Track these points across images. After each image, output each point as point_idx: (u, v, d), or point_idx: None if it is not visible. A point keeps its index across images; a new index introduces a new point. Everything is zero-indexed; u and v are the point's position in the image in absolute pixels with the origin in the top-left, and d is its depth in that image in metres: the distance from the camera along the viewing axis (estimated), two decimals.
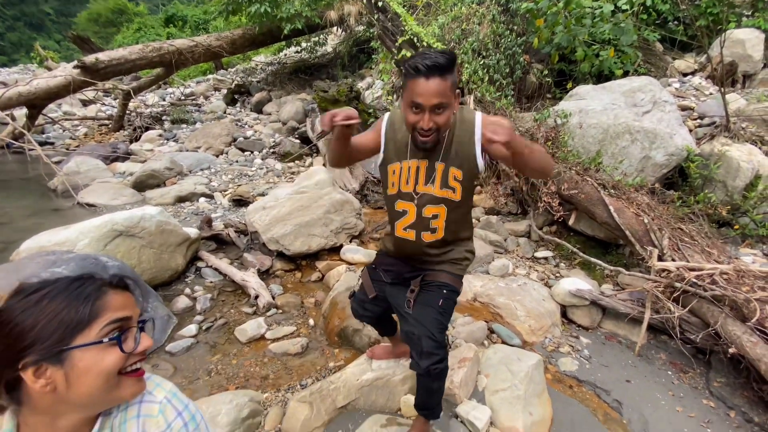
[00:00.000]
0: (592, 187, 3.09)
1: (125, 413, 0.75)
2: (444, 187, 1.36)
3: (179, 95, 9.41)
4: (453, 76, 1.16)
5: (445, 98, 1.16)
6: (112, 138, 7.03)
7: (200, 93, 9.42)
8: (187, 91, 9.59)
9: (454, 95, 1.20)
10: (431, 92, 1.13)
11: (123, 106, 7.32)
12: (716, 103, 4.14)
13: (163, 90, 9.99)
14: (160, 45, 7.41)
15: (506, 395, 1.92)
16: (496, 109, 3.98)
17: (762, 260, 3.10)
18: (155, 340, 2.40)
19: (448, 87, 1.15)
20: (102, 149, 5.95)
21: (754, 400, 2.19)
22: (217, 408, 1.72)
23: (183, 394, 0.81)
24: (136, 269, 2.71)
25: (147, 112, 7.88)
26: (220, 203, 4.42)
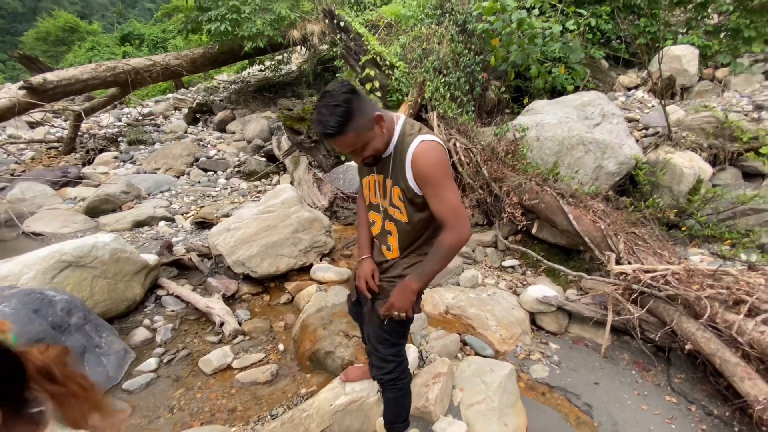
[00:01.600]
0: (551, 196, 3.22)
1: None
2: (391, 206, 1.36)
3: (137, 115, 9.05)
4: (356, 124, 1.15)
5: (356, 145, 1.20)
6: (62, 161, 6.61)
7: (159, 112, 9.10)
8: (145, 110, 9.24)
9: (367, 131, 1.20)
10: (341, 147, 1.21)
11: (74, 128, 6.93)
12: (658, 115, 4.47)
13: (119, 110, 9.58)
14: (114, 64, 7.13)
15: (481, 408, 1.92)
16: (458, 125, 4.10)
17: (709, 259, 3.32)
18: (110, 377, 2.23)
19: (351, 139, 1.18)
20: (50, 174, 5.57)
21: (713, 393, 2.31)
22: None
23: None
24: (88, 302, 2.53)
25: (101, 134, 7.50)
26: (181, 226, 4.23)
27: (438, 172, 1.23)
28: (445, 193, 1.24)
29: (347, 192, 4.45)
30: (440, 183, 1.23)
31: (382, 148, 1.26)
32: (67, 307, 2.28)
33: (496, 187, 3.47)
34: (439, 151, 1.24)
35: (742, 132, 4.12)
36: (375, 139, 1.22)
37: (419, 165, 1.22)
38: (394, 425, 1.63)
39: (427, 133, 1.27)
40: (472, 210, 3.98)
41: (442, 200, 1.24)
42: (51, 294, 2.29)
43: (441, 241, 1.28)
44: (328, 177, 4.69)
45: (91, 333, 2.32)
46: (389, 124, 1.26)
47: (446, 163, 1.26)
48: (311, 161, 4.98)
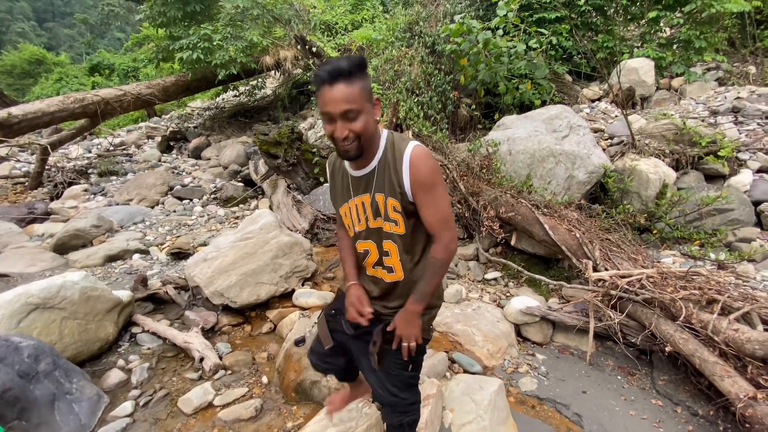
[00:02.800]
0: (526, 208, 3.30)
1: None
2: (387, 221, 1.27)
3: (107, 146, 8.83)
4: (363, 80, 1.10)
5: (355, 104, 1.09)
6: (28, 197, 6.35)
7: (132, 142, 8.91)
8: (116, 140, 9.03)
9: (367, 100, 1.13)
10: (337, 99, 1.07)
11: (41, 162, 6.69)
12: (621, 124, 4.69)
13: (89, 141, 9.33)
14: (83, 95, 7.00)
15: (472, 428, 1.90)
16: (433, 143, 4.18)
17: (681, 260, 3.45)
18: (83, 425, 2.09)
19: (356, 92, 1.08)
20: (16, 210, 5.33)
21: (696, 393, 2.36)
22: None
23: None
24: (58, 345, 2.40)
25: (70, 166, 7.27)
26: (156, 258, 4.10)
27: (436, 177, 1.21)
28: (440, 201, 1.21)
29: (327, 213, 4.43)
30: (437, 189, 1.21)
31: (369, 131, 1.16)
32: (35, 354, 2.15)
33: (473, 201, 3.53)
34: (432, 157, 1.22)
35: (701, 137, 4.35)
36: (370, 115, 1.15)
37: (418, 170, 1.17)
38: None
39: (410, 141, 1.24)
40: None
41: (437, 208, 1.21)
42: (17, 340, 2.16)
43: (434, 256, 1.25)
44: (307, 199, 4.67)
45: (61, 379, 2.19)
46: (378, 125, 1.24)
47: (439, 169, 1.24)
48: (290, 184, 4.96)
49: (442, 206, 1.22)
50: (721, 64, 6.27)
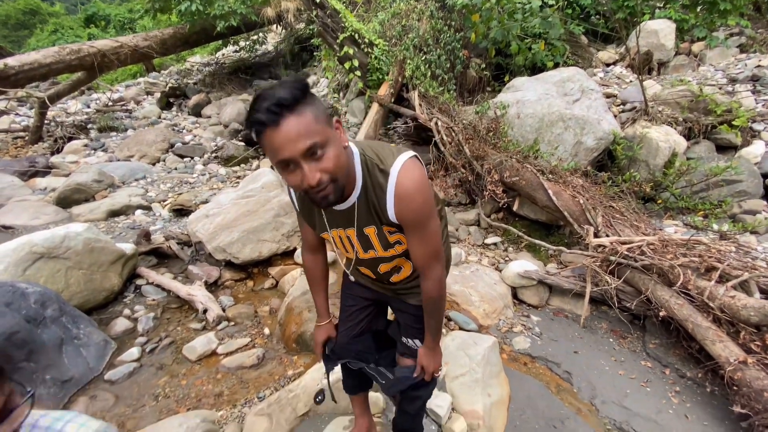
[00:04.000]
0: (531, 173, 3.24)
1: None
2: (388, 248, 1.12)
3: (106, 101, 8.65)
4: (313, 105, 0.84)
5: (317, 135, 0.82)
6: (29, 151, 6.31)
7: (130, 98, 8.71)
8: (115, 96, 8.82)
9: (327, 126, 0.87)
10: (292, 137, 0.80)
11: (40, 116, 6.58)
12: (636, 90, 4.52)
13: (88, 96, 9.12)
14: (79, 47, 6.74)
15: (465, 380, 1.96)
16: (440, 103, 4.05)
17: (682, 230, 3.43)
18: (91, 368, 2.19)
19: (310, 121, 0.82)
20: (17, 164, 5.31)
21: (685, 356, 2.42)
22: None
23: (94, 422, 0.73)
24: (64, 294, 2.45)
25: (69, 121, 7.15)
26: (159, 214, 4.12)
27: (427, 212, 1.01)
28: (430, 237, 1.04)
29: None
30: (429, 224, 1.02)
31: (345, 166, 0.92)
32: (41, 300, 2.21)
33: (477, 165, 3.47)
34: (423, 182, 0.98)
35: (716, 105, 4.20)
36: (336, 141, 0.88)
37: (407, 208, 0.99)
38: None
39: (396, 155, 0.98)
40: (454, 189, 3.99)
41: (427, 244, 1.05)
42: (23, 286, 2.20)
43: (429, 295, 1.13)
44: None
45: (68, 325, 2.26)
46: (349, 159, 0.97)
47: (431, 193, 1.02)
48: None
49: (432, 241, 1.05)
50: (745, 29, 5.94)
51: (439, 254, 1.08)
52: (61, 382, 2.06)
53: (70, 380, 2.09)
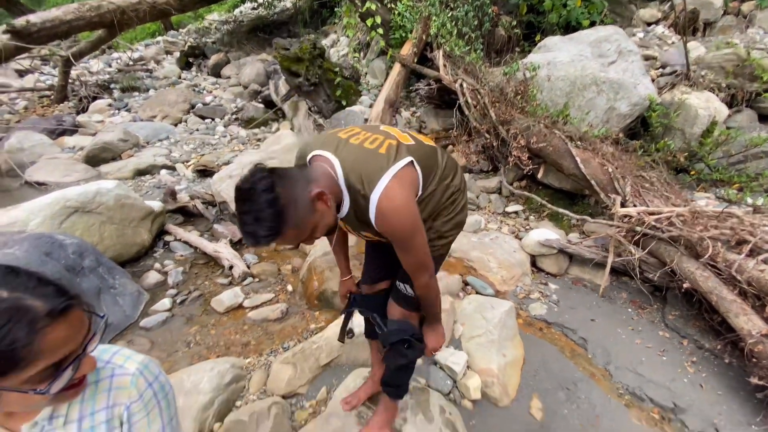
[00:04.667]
0: (559, 139, 3.13)
1: (95, 386, 0.73)
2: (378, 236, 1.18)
3: (127, 60, 8.64)
4: (290, 221, 0.92)
5: (302, 236, 0.99)
6: (55, 110, 6.44)
7: (150, 57, 8.67)
8: (135, 55, 8.79)
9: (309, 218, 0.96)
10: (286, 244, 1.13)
11: (64, 75, 6.66)
12: (678, 52, 4.21)
13: (108, 55, 9.13)
14: (98, 3, 6.65)
15: (481, 341, 2.01)
16: (465, 64, 3.88)
17: (715, 203, 3.30)
18: (127, 316, 2.33)
19: (293, 234, 0.95)
20: (46, 123, 5.44)
21: (705, 329, 2.41)
22: (198, 376, 1.71)
23: (153, 365, 0.80)
24: (99, 246, 2.58)
25: (92, 81, 7.22)
26: (183, 175, 4.21)
27: (408, 233, 1.05)
28: (415, 252, 1.09)
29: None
30: (412, 242, 1.07)
31: (334, 220, 1.04)
32: (79, 251, 2.33)
33: (503, 130, 3.36)
34: (402, 207, 1.01)
35: (763, 71, 3.90)
36: (323, 217, 0.99)
37: (387, 231, 1.04)
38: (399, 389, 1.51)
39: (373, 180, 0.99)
40: (477, 156, 3.90)
41: (412, 258, 1.11)
42: (61, 238, 2.33)
43: (419, 294, 1.23)
44: (328, 123, 4.56)
45: (104, 275, 2.39)
46: (332, 188, 1.01)
47: (413, 214, 1.03)
48: (311, 106, 4.82)
49: (417, 255, 1.10)
50: None
51: (423, 266, 1.13)
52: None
53: (109, 326, 2.25)
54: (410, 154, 1.07)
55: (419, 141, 1.19)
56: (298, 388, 1.79)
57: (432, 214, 1.22)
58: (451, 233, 1.29)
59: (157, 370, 0.79)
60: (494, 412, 1.83)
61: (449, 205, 1.24)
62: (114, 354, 0.77)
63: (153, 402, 0.76)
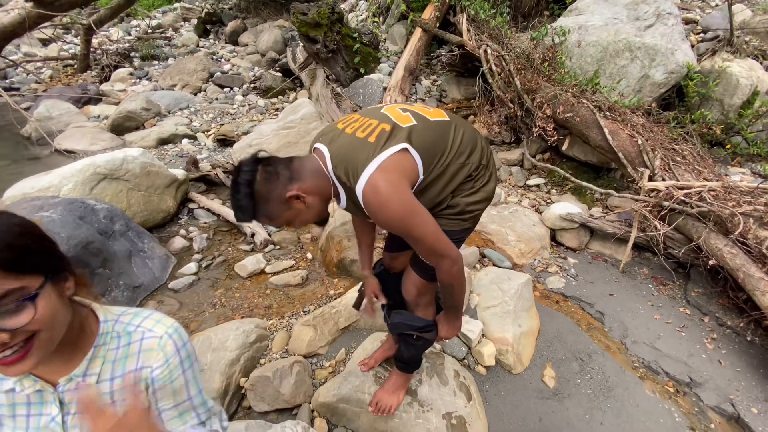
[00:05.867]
0: (587, 109, 3.00)
1: (127, 348, 0.76)
2: None
3: (145, 28, 8.61)
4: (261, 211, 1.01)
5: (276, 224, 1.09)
6: (79, 79, 6.54)
7: (168, 24, 8.61)
8: (153, 23, 8.76)
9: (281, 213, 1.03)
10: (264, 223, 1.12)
11: (86, 43, 6.71)
12: (721, 15, 3.91)
13: (128, 23, 9.12)
14: None
15: (497, 311, 2.04)
16: (490, 29, 3.71)
17: (749, 178, 3.15)
18: (157, 278, 2.45)
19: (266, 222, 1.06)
20: (71, 91, 5.55)
21: (729, 306, 2.36)
22: (225, 335, 1.81)
23: (183, 331, 0.82)
24: (127, 212, 2.68)
25: (113, 49, 7.25)
26: (204, 144, 4.26)
27: (401, 222, 1.00)
28: (421, 238, 1.03)
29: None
30: (409, 230, 1.02)
31: (315, 217, 1.09)
32: (110, 215, 2.43)
33: (528, 99, 3.24)
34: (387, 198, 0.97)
35: None
36: (299, 215, 1.05)
37: (380, 221, 1.04)
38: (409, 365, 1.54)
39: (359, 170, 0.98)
40: (499, 127, 3.80)
41: (420, 245, 1.06)
42: (92, 203, 2.42)
43: (442, 283, 1.17)
44: (347, 92, 4.49)
45: (134, 239, 2.50)
46: (317, 186, 1.04)
47: (402, 210, 0.99)
48: (328, 75, 4.73)
49: (423, 243, 1.04)
50: None
51: (436, 252, 1.06)
52: (132, 288, 2.34)
53: (139, 287, 2.37)
54: (406, 139, 1.02)
55: (424, 119, 1.11)
56: (318, 349, 1.88)
57: (449, 193, 1.15)
58: (476, 207, 1.20)
59: (185, 337, 0.81)
60: (507, 378, 1.88)
61: (468, 182, 1.16)
62: (145, 318, 0.79)
63: (178, 371, 0.77)
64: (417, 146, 1.03)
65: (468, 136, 1.15)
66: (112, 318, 0.77)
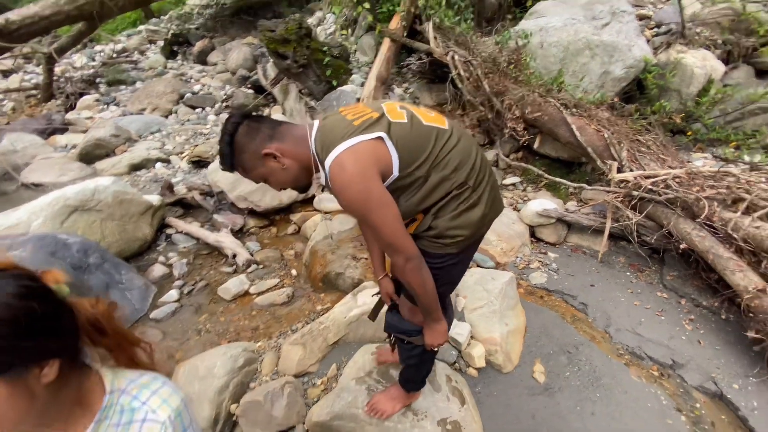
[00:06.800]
0: (554, 108, 3.10)
1: (128, 427, 0.72)
2: None
3: (110, 53, 8.44)
4: (238, 161, 1.06)
5: (251, 178, 1.10)
6: (44, 109, 6.34)
7: (134, 48, 8.46)
8: (118, 47, 8.59)
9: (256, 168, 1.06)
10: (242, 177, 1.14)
11: (48, 72, 6.52)
12: (673, 10, 4.11)
13: (91, 49, 8.91)
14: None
15: (483, 311, 2.07)
16: (456, 35, 3.80)
17: (712, 162, 3.30)
18: (137, 309, 2.38)
19: (241, 173, 1.09)
20: (36, 123, 5.38)
21: (703, 287, 2.46)
22: (212, 361, 1.77)
23: (186, 414, 0.78)
24: (102, 243, 2.61)
25: (77, 76, 7.07)
26: (178, 167, 4.19)
27: (362, 205, 0.99)
28: (378, 228, 1.02)
29: None
30: (370, 215, 1.00)
31: (291, 181, 1.10)
32: (83, 249, 2.36)
33: (497, 102, 3.33)
34: (349, 180, 0.97)
35: (759, 24, 3.82)
36: (273, 174, 1.07)
37: (342, 201, 1.02)
38: (407, 384, 1.57)
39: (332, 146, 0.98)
40: (472, 129, 3.88)
41: (376, 234, 1.05)
42: (64, 237, 2.35)
43: (398, 278, 1.18)
44: (320, 105, 4.50)
45: (111, 271, 2.43)
46: (295, 151, 1.05)
47: (364, 194, 0.98)
48: (301, 89, 4.74)
49: (380, 233, 1.02)
50: None
51: (392, 245, 1.04)
52: None
53: None
54: (386, 129, 1.01)
55: (417, 120, 1.09)
56: (309, 367, 1.86)
57: (430, 206, 1.11)
58: (456, 233, 1.12)
59: (189, 419, 0.78)
60: (498, 378, 1.90)
61: (451, 201, 1.10)
62: (153, 393, 0.75)
63: None
64: (396, 140, 1.02)
65: (459, 150, 1.09)
66: (119, 388, 0.74)
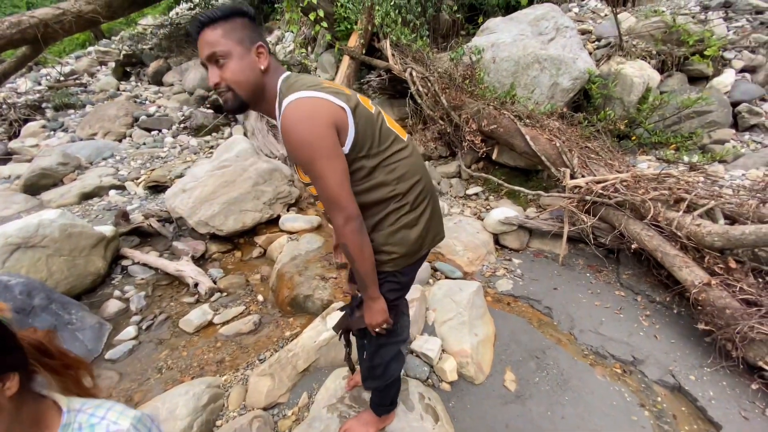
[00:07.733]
0: (509, 119, 3.23)
1: None
2: (308, 186, 1.14)
3: (57, 76, 8.02)
4: (231, 24, 0.99)
5: (219, 46, 0.98)
6: None
7: (83, 70, 8.09)
8: (65, 69, 8.18)
9: (239, 44, 1.00)
10: (202, 44, 1.00)
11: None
12: (611, 24, 4.42)
13: (36, 72, 8.43)
14: (18, 18, 6.11)
15: (453, 323, 2.09)
16: (413, 52, 3.90)
17: (655, 164, 3.54)
18: (90, 351, 2.22)
19: (218, 35, 0.98)
20: None
21: (655, 284, 2.61)
22: (173, 402, 1.67)
23: (147, 419, 0.81)
24: (49, 281, 2.43)
25: (21, 102, 6.66)
26: (134, 193, 4.00)
27: (307, 151, 0.97)
28: (320, 179, 1.00)
29: None
30: (314, 164, 0.98)
31: (242, 80, 1.01)
32: (27, 290, 2.19)
33: (455, 115, 3.43)
34: (300, 121, 0.95)
35: (689, 35, 4.17)
36: (241, 62, 1.00)
37: (288, 141, 0.98)
38: (378, 408, 1.56)
39: (297, 90, 0.98)
40: (434, 143, 3.97)
41: (318, 187, 1.02)
42: (5, 279, 2.17)
43: (336, 238, 1.14)
44: None
45: (59, 311, 2.26)
46: (269, 70, 1.03)
47: (315, 136, 0.96)
48: None
49: (323, 184, 1.00)
50: None
51: (333, 203, 1.02)
52: None
53: None
54: (354, 108, 1.02)
55: (382, 119, 1.13)
56: (279, 398, 1.79)
57: (372, 208, 1.12)
58: (392, 250, 1.14)
59: (150, 424, 0.81)
60: (471, 390, 1.92)
61: (390, 215, 1.12)
62: (109, 410, 0.78)
63: None
64: (357, 120, 1.03)
65: (408, 164, 1.13)
66: (75, 408, 0.75)
